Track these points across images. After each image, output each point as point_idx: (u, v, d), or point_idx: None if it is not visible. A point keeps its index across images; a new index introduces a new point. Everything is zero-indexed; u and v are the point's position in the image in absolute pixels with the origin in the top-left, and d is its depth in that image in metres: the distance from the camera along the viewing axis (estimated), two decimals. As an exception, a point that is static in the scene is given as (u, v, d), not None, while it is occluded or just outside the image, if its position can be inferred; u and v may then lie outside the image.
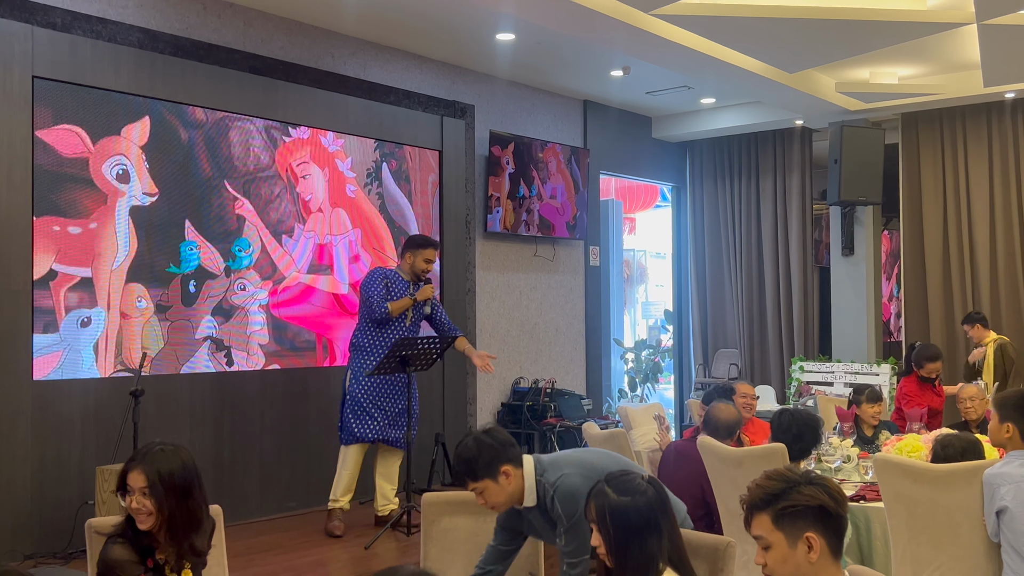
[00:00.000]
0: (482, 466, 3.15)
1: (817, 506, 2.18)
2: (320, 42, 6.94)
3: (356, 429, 5.79)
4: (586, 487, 3.03)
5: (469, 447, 3.18)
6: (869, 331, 9.63)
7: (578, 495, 3.08)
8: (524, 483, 3.21)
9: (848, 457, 5.01)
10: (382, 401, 5.83)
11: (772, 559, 2.22)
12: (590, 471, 3.17)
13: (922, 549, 3.94)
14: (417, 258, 5.93)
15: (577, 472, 3.21)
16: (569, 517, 3.14)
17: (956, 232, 9.11)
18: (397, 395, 5.87)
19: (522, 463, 3.23)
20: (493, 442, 3.19)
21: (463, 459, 3.18)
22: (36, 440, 5.37)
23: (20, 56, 5.34)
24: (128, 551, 2.72)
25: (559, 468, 3.24)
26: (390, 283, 5.87)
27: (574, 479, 3.18)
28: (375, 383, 5.80)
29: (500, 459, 3.17)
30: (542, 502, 3.23)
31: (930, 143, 9.25)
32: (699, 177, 10.79)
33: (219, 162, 6.26)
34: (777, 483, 2.23)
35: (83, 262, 5.61)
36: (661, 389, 11.10)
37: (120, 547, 2.72)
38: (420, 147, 7.58)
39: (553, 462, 3.29)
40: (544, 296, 8.91)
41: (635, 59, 7.71)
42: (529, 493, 3.22)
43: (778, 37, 6.88)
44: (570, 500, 3.14)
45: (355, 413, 5.80)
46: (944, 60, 8.09)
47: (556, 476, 3.20)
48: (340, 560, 5.32)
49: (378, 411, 5.82)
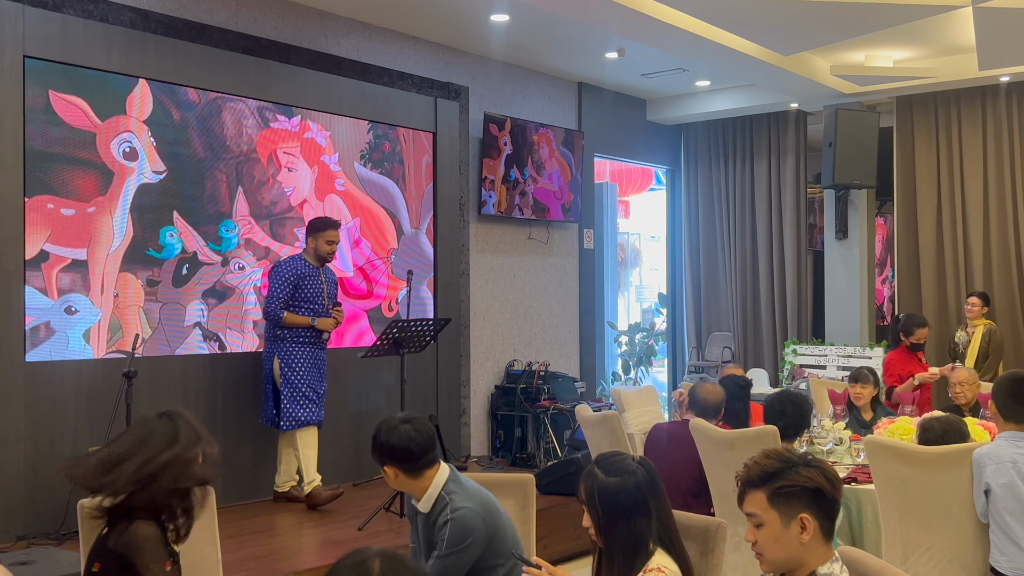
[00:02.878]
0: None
1: (814, 488, 2.20)
2: (313, 22, 6.90)
3: (301, 414, 5.90)
4: (482, 531, 3.08)
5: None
6: (862, 314, 9.65)
7: (469, 532, 3.08)
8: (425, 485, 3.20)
9: (840, 439, 5.03)
10: (315, 383, 5.98)
11: (763, 537, 2.23)
12: (491, 519, 3.15)
13: (912, 531, 3.97)
14: (319, 241, 5.95)
15: (480, 513, 3.14)
16: (451, 547, 3.08)
17: (950, 215, 9.11)
18: (323, 377, 6.07)
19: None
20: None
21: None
22: (29, 421, 5.36)
23: (11, 35, 5.30)
24: (155, 528, 2.69)
25: (469, 498, 3.17)
26: (301, 277, 5.90)
27: (475, 519, 3.11)
28: (307, 368, 5.93)
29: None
30: (433, 516, 3.19)
31: (925, 126, 9.24)
32: (694, 160, 10.77)
33: (212, 143, 6.23)
34: (775, 462, 2.24)
35: (78, 243, 5.60)
36: (655, 372, 11.11)
37: (148, 525, 2.68)
38: (414, 129, 7.55)
39: (465, 489, 3.21)
40: (538, 279, 8.90)
41: (630, 41, 7.68)
42: (427, 500, 3.20)
43: (773, 19, 6.86)
44: (460, 534, 3.09)
45: (295, 399, 5.89)
46: (939, 43, 8.08)
47: (462, 504, 3.14)
48: (333, 541, 5.33)
49: (314, 394, 5.96)
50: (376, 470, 6.86)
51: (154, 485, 2.68)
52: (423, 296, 7.61)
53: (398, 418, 3.22)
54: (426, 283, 7.63)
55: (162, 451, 2.71)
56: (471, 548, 3.09)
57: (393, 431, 3.17)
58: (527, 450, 7.86)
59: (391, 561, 1.73)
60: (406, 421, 3.20)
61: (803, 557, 2.21)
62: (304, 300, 5.94)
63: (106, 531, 2.77)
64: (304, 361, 5.93)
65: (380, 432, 3.20)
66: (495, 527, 3.16)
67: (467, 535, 3.08)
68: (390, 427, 3.18)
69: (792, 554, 2.21)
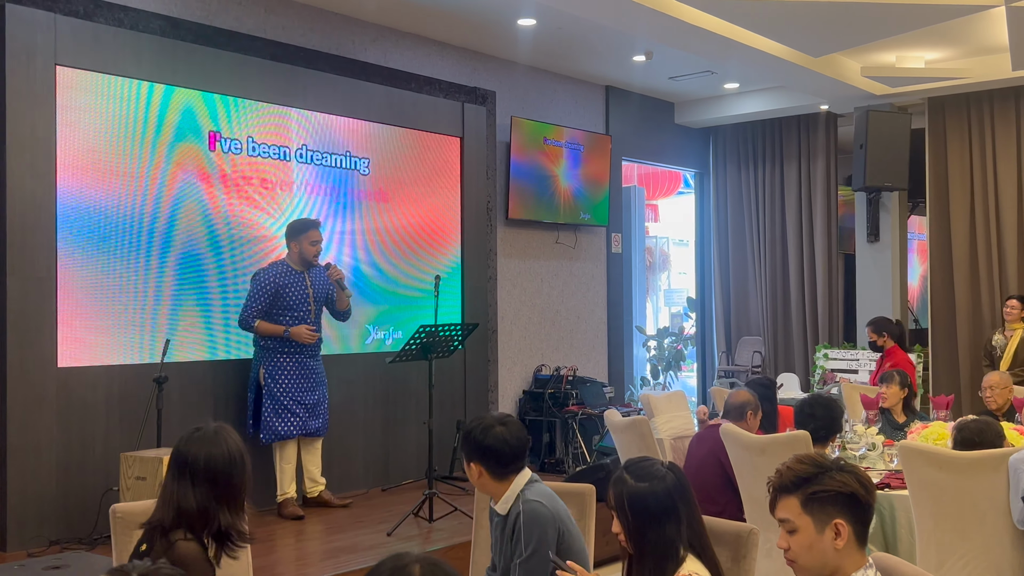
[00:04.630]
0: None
1: (848, 493, 2.17)
2: (341, 29, 6.93)
3: (280, 428, 5.87)
4: (552, 523, 3.03)
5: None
6: (894, 318, 9.53)
7: (541, 522, 3.03)
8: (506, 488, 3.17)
9: (873, 445, 4.97)
10: (301, 396, 5.92)
11: (797, 543, 2.21)
12: (560, 520, 3.10)
13: (947, 537, 3.91)
14: (303, 243, 5.91)
15: (550, 508, 3.09)
16: (528, 541, 3.02)
17: (983, 217, 9.00)
18: (314, 385, 5.99)
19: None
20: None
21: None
22: (61, 427, 5.40)
23: (43, 44, 5.36)
24: (199, 548, 2.64)
25: (540, 496, 3.13)
26: (282, 287, 5.83)
27: (544, 512, 3.07)
28: (293, 379, 5.89)
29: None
30: (510, 518, 3.13)
31: (957, 128, 9.13)
32: (722, 163, 10.71)
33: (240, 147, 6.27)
34: (808, 467, 2.22)
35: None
36: (684, 377, 11.05)
37: (189, 543, 2.62)
38: (441, 134, 7.55)
39: (537, 489, 3.17)
40: (566, 283, 8.88)
41: (658, 44, 7.66)
42: (504, 502, 3.16)
43: (803, 21, 6.81)
44: (532, 524, 3.04)
45: (275, 412, 5.86)
46: (971, 43, 7.98)
47: (533, 498, 3.10)
48: (363, 546, 5.33)
49: (298, 406, 5.91)
50: (405, 475, 6.89)
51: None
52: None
53: (494, 418, 3.19)
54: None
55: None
56: (546, 540, 3.04)
57: (489, 431, 3.13)
58: (555, 455, 7.84)
59: (431, 567, 1.72)
60: (502, 423, 3.17)
61: (837, 563, 2.18)
62: (286, 308, 5.86)
63: (144, 547, 2.77)
64: (289, 371, 5.88)
65: (475, 430, 3.17)
66: (564, 532, 3.12)
67: (538, 525, 3.04)
68: (485, 426, 3.15)
69: (826, 560, 2.18)
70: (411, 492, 6.57)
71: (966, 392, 8.78)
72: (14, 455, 5.22)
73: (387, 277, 7.13)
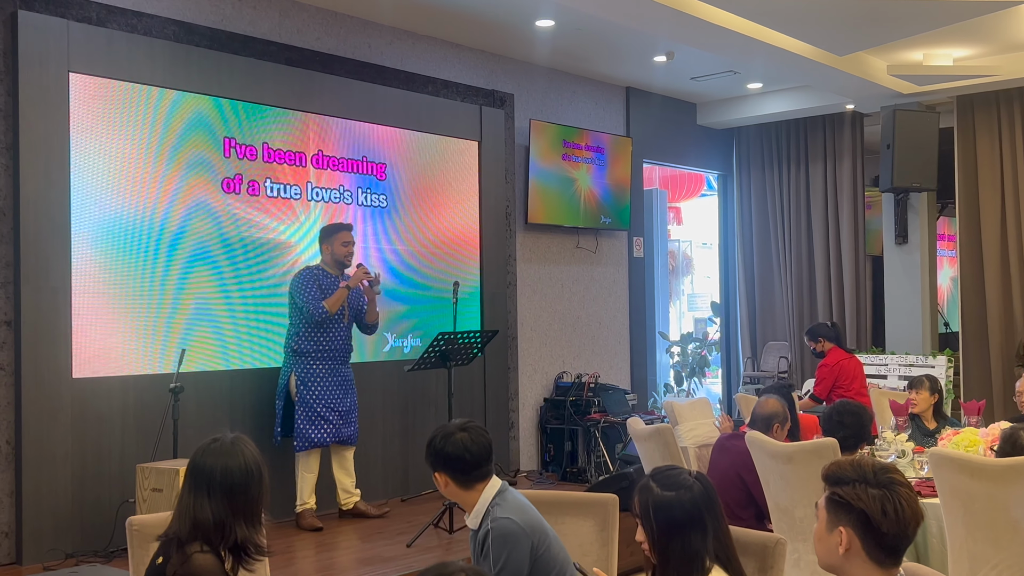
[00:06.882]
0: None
1: (860, 509, 2.18)
2: (356, 32, 6.87)
3: (313, 435, 5.80)
4: (524, 540, 2.92)
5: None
6: (924, 322, 9.36)
7: (510, 539, 2.93)
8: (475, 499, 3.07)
9: (903, 452, 4.86)
10: (334, 402, 5.87)
11: (816, 529, 2.29)
12: (535, 533, 2.99)
13: (979, 546, 3.82)
14: (334, 245, 5.91)
15: (521, 524, 2.98)
16: (497, 560, 2.92)
17: (1015, 217, 8.83)
18: (345, 392, 5.95)
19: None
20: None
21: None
22: (76, 438, 5.35)
23: (56, 51, 5.32)
24: (216, 561, 2.58)
25: (511, 511, 3.02)
26: (321, 283, 5.82)
27: (514, 528, 2.95)
28: (326, 385, 5.84)
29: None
30: (480, 533, 3.04)
31: (987, 126, 8.97)
32: (746, 164, 10.58)
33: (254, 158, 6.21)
34: (848, 470, 2.24)
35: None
36: (708, 383, 10.93)
37: (206, 556, 2.55)
38: (458, 137, 7.47)
39: (508, 503, 3.06)
40: (587, 289, 8.78)
41: (679, 44, 7.56)
42: (475, 516, 3.06)
43: (827, 19, 6.70)
44: (502, 542, 2.93)
45: (309, 419, 5.80)
46: (1000, 40, 7.84)
47: (502, 515, 2.99)
48: (383, 558, 5.25)
49: (331, 413, 5.85)
50: (424, 485, 6.80)
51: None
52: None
53: (455, 425, 3.12)
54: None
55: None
56: (517, 556, 2.95)
57: (449, 438, 3.06)
58: (577, 464, 7.73)
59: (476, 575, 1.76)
60: (463, 429, 3.09)
61: (842, 566, 2.21)
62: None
63: (161, 560, 2.71)
64: (322, 378, 5.85)
65: (436, 438, 3.10)
66: (540, 543, 3.03)
67: (508, 542, 2.94)
68: (446, 433, 3.08)
69: (831, 561, 2.23)
70: (431, 503, 6.48)
71: (998, 396, 8.61)
72: (29, 467, 5.18)
73: (405, 283, 7.06)
